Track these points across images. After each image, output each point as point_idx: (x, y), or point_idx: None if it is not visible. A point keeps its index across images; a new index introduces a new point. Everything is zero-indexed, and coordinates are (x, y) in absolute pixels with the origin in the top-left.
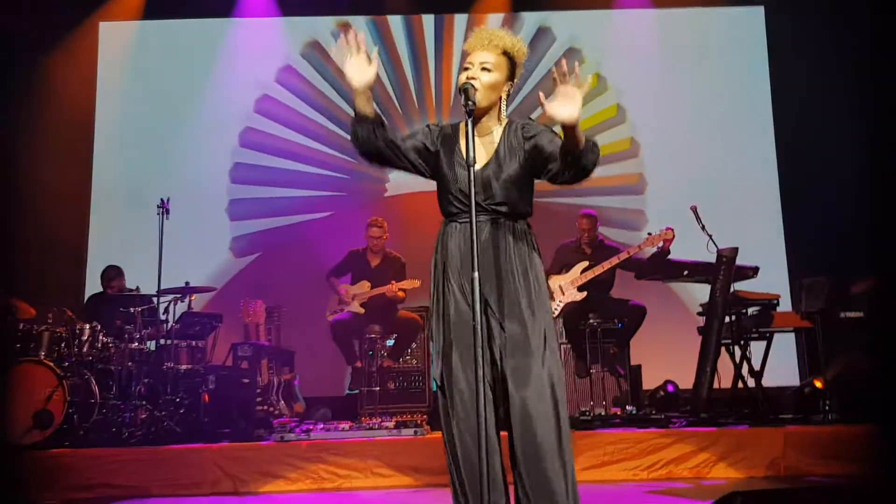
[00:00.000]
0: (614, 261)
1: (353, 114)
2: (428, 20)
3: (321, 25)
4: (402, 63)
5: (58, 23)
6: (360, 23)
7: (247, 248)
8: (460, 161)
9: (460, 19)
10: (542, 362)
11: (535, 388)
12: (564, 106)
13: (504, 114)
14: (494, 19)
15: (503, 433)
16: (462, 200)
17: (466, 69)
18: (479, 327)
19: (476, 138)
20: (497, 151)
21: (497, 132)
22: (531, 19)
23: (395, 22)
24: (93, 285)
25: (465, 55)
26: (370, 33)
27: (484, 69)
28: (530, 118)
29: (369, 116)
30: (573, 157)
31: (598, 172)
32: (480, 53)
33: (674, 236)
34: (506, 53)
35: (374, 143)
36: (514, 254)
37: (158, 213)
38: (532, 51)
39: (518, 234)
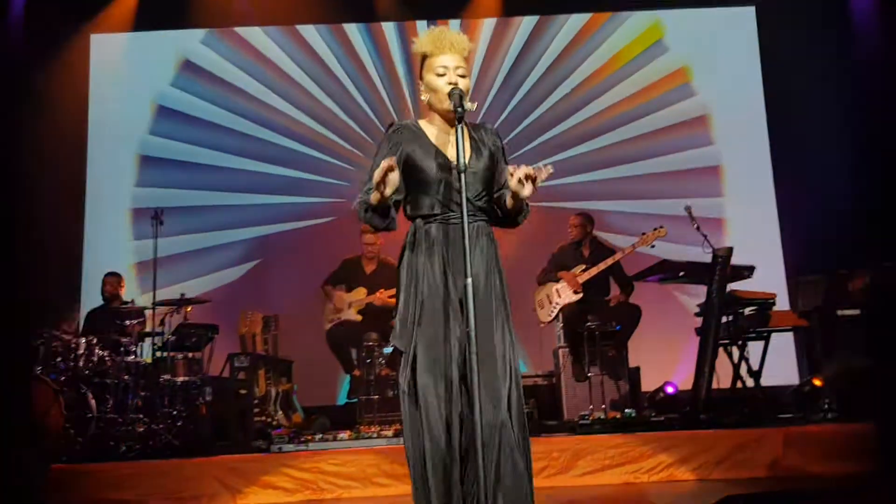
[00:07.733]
0: (609, 261)
1: (366, 201)
2: (422, 26)
3: (315, 33)
4: (395, 69)
5: (50, 35)
6: (353, 29)
7: (243, 257)
8: (442, 162)
9: (453, 25)
10: (504, 366)
11: (495, 387)
12: (526, 188)
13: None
14: (487, 24)
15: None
16: (452, 201)
17: (442, 74)
18: (472, 333)
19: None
20: (473, 148)
21: (466, 130)
22: (524, 24)
23: (389, 28)
24: (88, 297)
25: (426, 57)
26: (363, 40)
27: (461, 76)
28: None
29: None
30: (509, 213)
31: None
32: (451, 58)
33: (666, 234)
34: (466, 58)
35: (386, 223)
36: (489, 254)
37: (152, 224)
38: (526, 54)
39: (490, 235)
